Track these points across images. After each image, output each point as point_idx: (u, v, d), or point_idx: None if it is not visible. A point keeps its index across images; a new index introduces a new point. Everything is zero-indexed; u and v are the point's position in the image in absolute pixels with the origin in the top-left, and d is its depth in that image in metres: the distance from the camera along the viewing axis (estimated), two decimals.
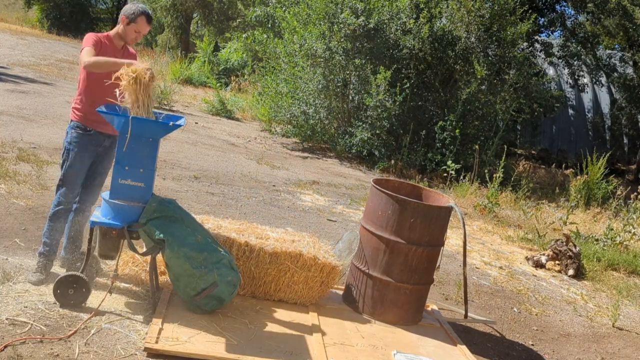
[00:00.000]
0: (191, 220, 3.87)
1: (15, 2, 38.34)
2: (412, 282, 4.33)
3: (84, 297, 3.65)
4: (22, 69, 14.78)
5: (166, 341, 3.37)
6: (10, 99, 10.35)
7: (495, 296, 5.76)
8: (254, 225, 4.68)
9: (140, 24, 4.03)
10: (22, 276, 3.92)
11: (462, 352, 4.06)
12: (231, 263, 3.82)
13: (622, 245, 8.06)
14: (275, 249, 4.13)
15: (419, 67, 12.24)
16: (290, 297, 4.28)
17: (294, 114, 12.86)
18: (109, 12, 37.22)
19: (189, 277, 3.70)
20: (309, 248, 4.26)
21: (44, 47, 23.01)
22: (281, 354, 3.52)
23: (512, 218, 9.34)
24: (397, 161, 11.78)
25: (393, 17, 12.07)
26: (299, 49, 12.64)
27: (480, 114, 12.28)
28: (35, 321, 3.39)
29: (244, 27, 25.36)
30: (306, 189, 8.69)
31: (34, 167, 6.56)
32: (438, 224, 4.36)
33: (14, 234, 4.67)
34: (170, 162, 8.36)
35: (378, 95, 11.38)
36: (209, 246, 3.78)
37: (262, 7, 18.39)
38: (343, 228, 6.93)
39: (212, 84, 16.77)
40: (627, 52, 18.07)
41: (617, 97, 19.76)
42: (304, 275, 4.18)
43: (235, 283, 3.82)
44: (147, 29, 4.10)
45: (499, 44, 12.40)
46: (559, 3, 18.18)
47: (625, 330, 5.55)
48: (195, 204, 6.49)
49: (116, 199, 3.71)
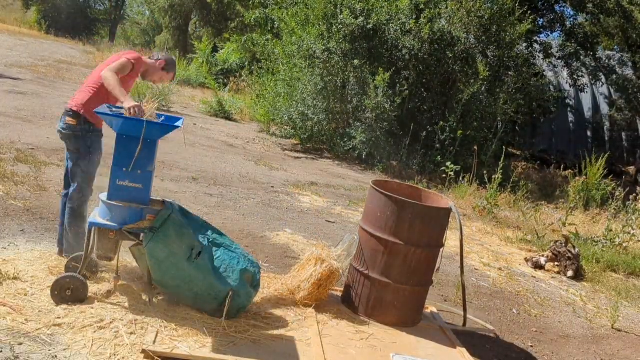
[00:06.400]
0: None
1: (13, 3, 38.33)
2: (411, 284, 4.31)
3: (81, 299, 3.64)
4: (20, 70, 14.76)
5: (163, 344, 3.36)
6: (8, 100, 10.33)
7: (494, 298, 5.75)
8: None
9: (169, 76, 4.54)
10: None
11: (461, 354, 4.04)
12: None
13: (621, 247, 8.05)
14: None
15: (418, 68, 12.24)
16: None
17: (292, 116, 12.85)
18: (107, 14, 37.22)
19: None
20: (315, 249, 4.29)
21: (42, 48, 23.00)
22: (279, 355, 3.50)
23: (511, 219, 9.34)
24: (396, 162, 11.77)
25: (392, 17, 12.06)
26: (298, 50, 12.63)
27: (480, 115, 12.28)
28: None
29: (242, 29, 25.37)
30: (305, 190, 8.68)
31: (32, 169, 6.54)
32: (437, 225, 4.35)
33: (12, 235, 4.65)
34: (169, 164, 8.34)
35: (377, 97, 11.37)
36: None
37: (260, 9, 18.40)
38: (342, 229, 6.91)
39: (211, 85, 16.78)
40: (626, 53, 18.08)
41: (616, 98, 19.77)
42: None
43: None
44: (169, 79, 4.61)
45: (499, 44, 12.40)
46: (558, 3, 18.20)
47: (624, 332, 5.54)
48: (194, 205, 6.47)
49: (114, 200, 3.70)
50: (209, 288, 3.74)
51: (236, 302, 3.78)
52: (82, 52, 25.95)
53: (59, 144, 7.99)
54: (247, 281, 3.88)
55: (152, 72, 4.43)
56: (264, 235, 6.10)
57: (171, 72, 4.52)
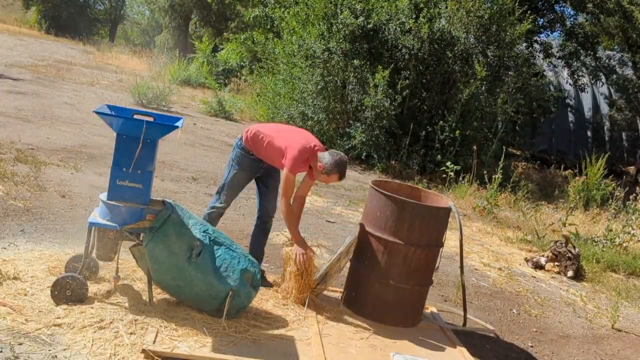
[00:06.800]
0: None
1: (13, 3, 38.34)
2: (411, 284, 4.31)
3: (81, 299, 3.64)
4: (20, 70, 14.76)
5: (163, 344, 3.36)
6: (8, 100, 10.33)
7: (494, 298, 5.75)
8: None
9: (331, 178, 4.27)
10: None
11: (461, 354, 4.04)
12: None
13: (621, 247, 8.05)
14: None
15: (418, 67, 12.24)
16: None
17: (292, 115, 12.85)
18: (107, 14, 37.22)
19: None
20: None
21: (42, 48, 23.00)
22: (279, 355, 3.51)
23: (511, 219, 9.33)
24: (396, 162, 11.77)
25: (392, 17, 12.06)
26: (298, 50, 12.63)
27: (480, 114, 12.27)
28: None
29: (242, 28, 25.37)
30: None
31: (32, 169, 6.54)
32: (437, 225, 4.35)
33: (12, 235, 4.65)
34: (169, 164, 8.34)
35: (377, 95, 11.37)
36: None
37: (260, 7, 18.39)
38: (342, 229, 6.91)
39: (211, 85, 16.76)
40: (626, 53, 18.08)
41: (616, 98, 19.78)
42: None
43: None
44: (336, 181, 4.32)
45: (498, 44, 12.40)
46: (558, 3, 18.20)
47: (624, 332, 5.54)
48: (194, 205, 6.47)
49: (114, 200, 3.70)
50: (209, 288, 3.74)
51: (236, 302, 3.78)
52: (82, 52, 25.97)
53: (59, 144, 8.01)
54: (248, 281, 3.88)
55: (316, 174, 4.31)
56: None
57: (332, 178, 4.24)
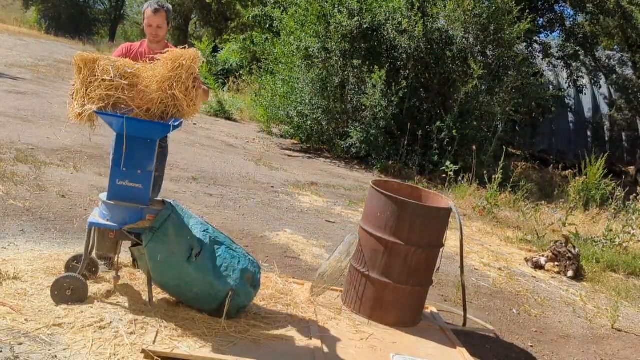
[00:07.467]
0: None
1: (13, 3, 38.33)
2: (411, 284, 4.31)
3: (81, 299, 3.64)
4: (20, 70, 14.76)
5: (163, 344, 3.36)
6: (8, 100, 10.33)
7: (494, 298, 5.75)
8: None
9: (147, 17, 4.22)
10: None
11: (461, 354, 4.04)
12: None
13: (621, 247, 8.05)
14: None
15: (416, 67, 12.23)
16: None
17: (290, 115, 12.85)
18: (107, 13, 37.22)
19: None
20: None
21: (42, 48, 22.99)
22: (279, 355, 3.50)
23: (511, 219, 9.33)
24: (396, 162, 11.77)
25: (389, 17, 12.06)
26: (296, 50, 12.63)
27: (479, 114, 12.27)
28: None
29: (242, 29, 25.37)
30: (305, 190, 8.67)
31: (32, 169, 6.54)
32: (437, 225, 4.35)
33: (12, 235, 4.65)
34: (169, 163, 8.30)
35: (374, 95, 11.37)
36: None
37: (260, 7, 18.40)
38: (342, 229, 6.91)
39: (211, 85, 16.76)
40: (626, 53, 18.08)
41: (616, 98, 19.77)
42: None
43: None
44: (157, 20, 4.20)
45: (497, 44, 12.39)
46: (557, 3, 18.18)
47: (624, 332, 5.54)
48: (194, 205, 6.47)
49: (114, 200, 3.70)
50: (209, 288, 3.74)
51: (236, 302, 3.78)
52: (82, 52, 25.90)
53: (59, 144, 8.00)
54: (248, 281, 3.88)
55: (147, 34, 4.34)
56: (264, 235, 6.10)
57: (146, 15, 4.23)
